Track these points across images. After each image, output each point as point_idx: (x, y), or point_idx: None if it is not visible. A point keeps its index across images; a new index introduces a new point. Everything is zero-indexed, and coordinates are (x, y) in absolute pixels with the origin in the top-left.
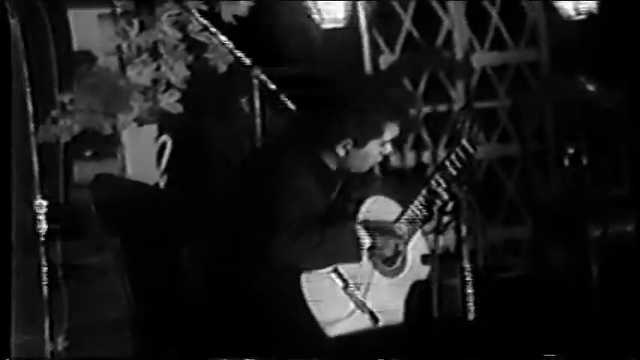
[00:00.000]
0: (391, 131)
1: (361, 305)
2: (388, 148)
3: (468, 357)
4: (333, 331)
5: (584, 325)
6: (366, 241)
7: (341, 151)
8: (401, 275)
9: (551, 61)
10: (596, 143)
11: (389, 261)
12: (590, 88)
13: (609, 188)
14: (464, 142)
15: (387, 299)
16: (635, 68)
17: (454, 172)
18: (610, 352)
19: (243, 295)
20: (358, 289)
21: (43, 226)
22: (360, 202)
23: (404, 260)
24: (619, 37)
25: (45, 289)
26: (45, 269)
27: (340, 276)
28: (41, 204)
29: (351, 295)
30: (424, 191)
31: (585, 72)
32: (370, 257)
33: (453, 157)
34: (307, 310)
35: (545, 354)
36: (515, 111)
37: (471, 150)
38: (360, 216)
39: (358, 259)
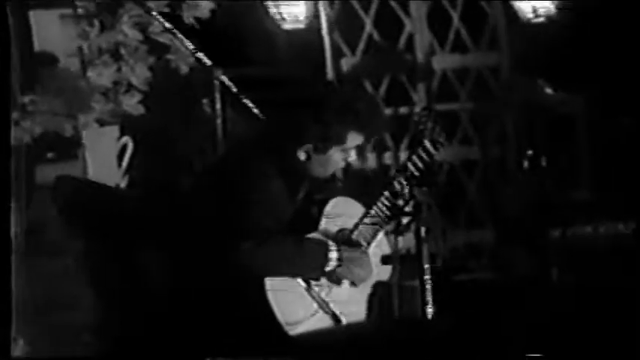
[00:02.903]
0: (354, 139)
1: (324, 306)
2: (352, 155)
3: (428, 358)
4: (294, 331)
5: (543, 326)
6: (333, 261)
7: (302, 156)
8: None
9: (512, 64)
10: (556, 146)
11: None
12: (550, 91)
13: (568, 191)
14: (426, 142)
15: (349, 299)
16: (593, 72)
17: (417, 173)
18: (567, 352)
19: (206, 297)
20: (321, 289)
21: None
22: (323, 203)
23: (369, 264)
24: (578, 42)
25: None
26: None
27: (304, 279)
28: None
29: (314, 297)
30: (387, 192)
31: (545, 76)
32: (333, 273)
33: (415, 157)
34: (270, 312)
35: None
36: (476, 114)
37: (432, 150)
38: (324, 218)
39: (320, 276)
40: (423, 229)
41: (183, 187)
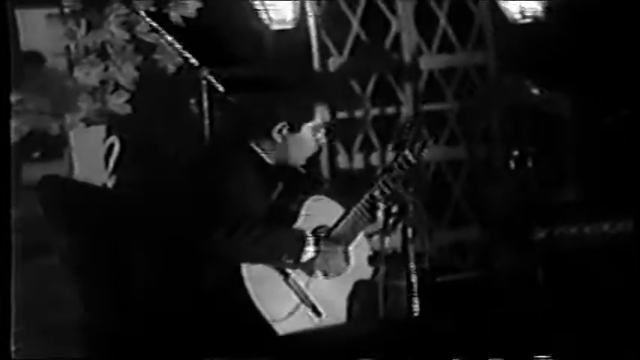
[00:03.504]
0: (322, 115)
1: (304, 297)
2: (322, 136)
3: (413, 357)
4: (281, 329)
5: (529, 326)
6: (310, 252)
7: (278, 137)
8: (343, 274)
9: (498, 64)
10: (542, 147)
11: None
12: (536, 92)
13: (554, 191)
14: (406, 152)
15: (329, 294)
16: (580, 73)
17: (396, 179)
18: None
19: (191, 294)
20: (300, 279)
21: None
22: (302, 202)
23: (347, 259)
24: (565, 42)
25: None
26: None
27: (279, 268)
28: None
29: (291, 286)
30: (367, 195)
31: (531, 76)
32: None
33: (395, 165)
34: (253, 307)
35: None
36: (463, 114)
37: (412, 160)
38: (301, 217)
39: (296, 265)
40: (409, 229)
41: (166, 183)
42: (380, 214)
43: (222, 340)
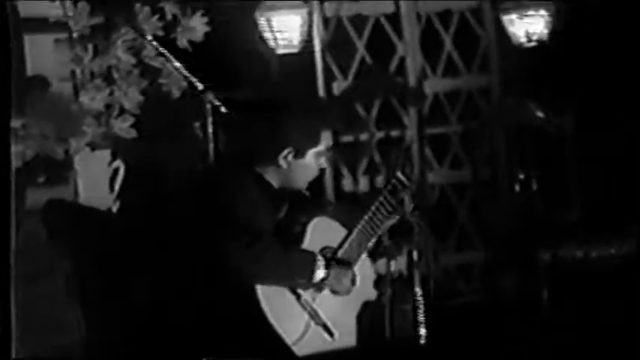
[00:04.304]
0: (326, 140)
1: (315, 316)
2: (323, 161)
3: None
4: (297, 351)
5: (534, 349)
6: (321, 271)
7: (284, 163)
8: (349, 294)
9: (502, 87)
10: (546, 169)
11: None
12: (540, 114)
13: (559, 213)
14: (398, 174)
15: (339, 314)
16: (584, 95)
17: (393, 201)
18: None
19: (203, 318)
20: (313, 299)
21: None
22: (306, 223)
23: (353, 279)
24: (568, 65)
25: None
26: None
27: (291, 288)
28: None
29: (304, 306)
30: (367, 217)
31: (535, 99)
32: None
33: (389, 186)
34: (271, 328)
35: None
36: (467, 137)
37: (405, 181)
38: (307, 238)
39: (308, 286)
40: (415, 252)
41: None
42: (382, 234)
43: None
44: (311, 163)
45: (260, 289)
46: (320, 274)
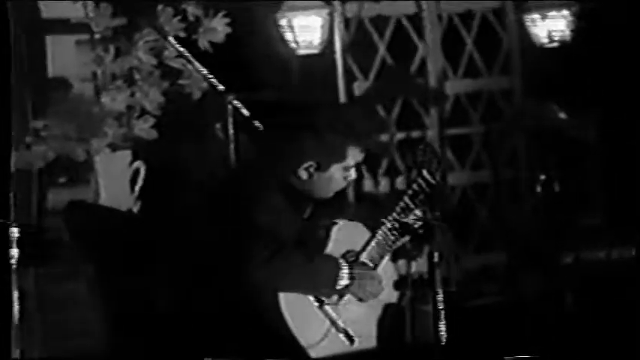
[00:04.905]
0: (354, 156)
1: (336, 323)
2: (352, 173)
3: None
4: (314, 354)
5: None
6: (345, 278)
7: (304, 175)
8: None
9: (524, 88)
10: (568, 171)
11: None
12: (562, 116)
13: (581, 215)
14: (424, 172)
15: (360, 319)
16: (606, 97)
17: (417, 201)
18: None
19: (222, 320)
20: (334, 308)
21: (15, 253)
22: (330, 226)
23: (380, 282)
24: (592, 66)
25: (16, 318)
26: (16, 297)
27: (315, 295)
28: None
29: (326, 314)
30: (391, 217)
31: (557, 100)
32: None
33: (415, 186)
34: (289, 333)
35: None
36: (488, 138)
37: (431, 180)
38: (331, 242)
39: (332, 293)
40: (436, 254)
41: (192, 209)
42: (404, 237)
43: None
44: (336, 176)
45: (282, 297)
46: (343, 283)
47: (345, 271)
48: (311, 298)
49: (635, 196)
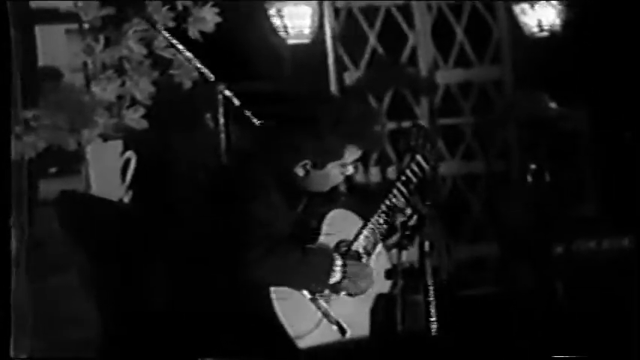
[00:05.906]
0: (352, 153)
1: (328, 315)
2: (350, 169)
3: None
4: (303, 344)
5: (547, 341)
6: (337, 273)
7: (300, 171)
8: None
9: (515, 79)
10: (559, 161)
11: None
12: (553, 106)
13: (572, 205)
14: (418, 157)
15: (352, 311)
16: (596, 87)
17: (411, 187)
18: None
19: (214, 310)
20: (326, 300)
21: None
22: (323, 216)
23: (372, 277)
24: (582, 56)
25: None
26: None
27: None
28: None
29: (319, 307)
30: (383, 206)
31: (548, 91)
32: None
33: (408, 171)
34: (279, 324)
35: None
36: (479, 128)
37: (425, 165)
38: (323, 231)
39: (325, 288)
40: (426, 243)
41: (186, 200)
42: (397, 223)
43: (244, 355)
44: (331, 172)
45: (274, 289)
46: (337, 276)
47: (338, 267)
48: (304, 291)
49: (626, 186)
